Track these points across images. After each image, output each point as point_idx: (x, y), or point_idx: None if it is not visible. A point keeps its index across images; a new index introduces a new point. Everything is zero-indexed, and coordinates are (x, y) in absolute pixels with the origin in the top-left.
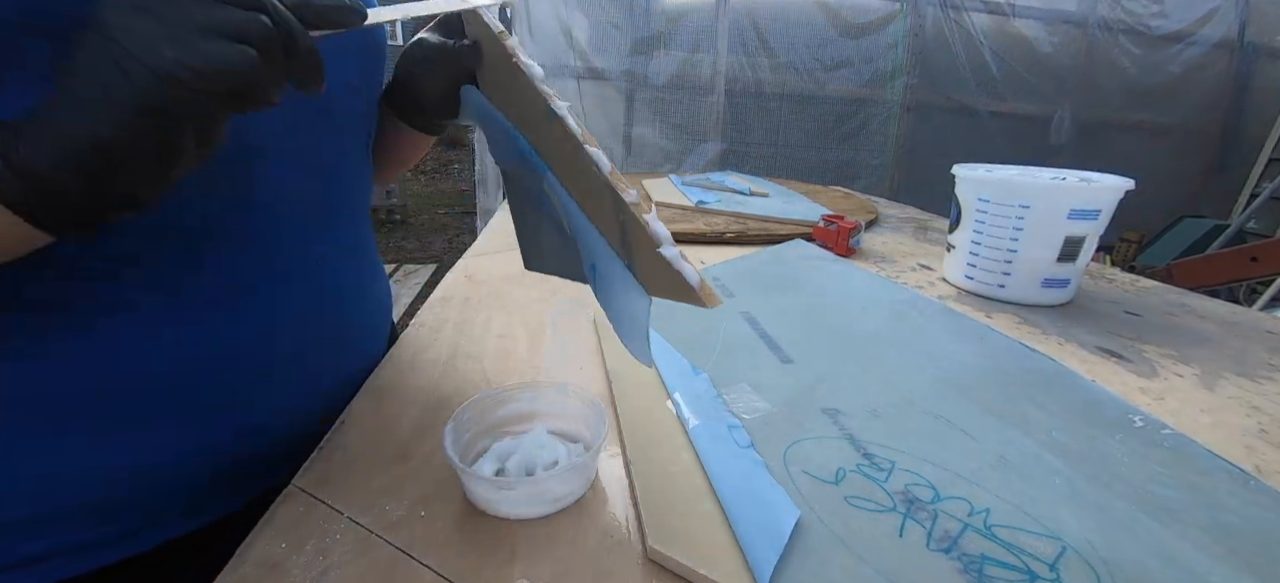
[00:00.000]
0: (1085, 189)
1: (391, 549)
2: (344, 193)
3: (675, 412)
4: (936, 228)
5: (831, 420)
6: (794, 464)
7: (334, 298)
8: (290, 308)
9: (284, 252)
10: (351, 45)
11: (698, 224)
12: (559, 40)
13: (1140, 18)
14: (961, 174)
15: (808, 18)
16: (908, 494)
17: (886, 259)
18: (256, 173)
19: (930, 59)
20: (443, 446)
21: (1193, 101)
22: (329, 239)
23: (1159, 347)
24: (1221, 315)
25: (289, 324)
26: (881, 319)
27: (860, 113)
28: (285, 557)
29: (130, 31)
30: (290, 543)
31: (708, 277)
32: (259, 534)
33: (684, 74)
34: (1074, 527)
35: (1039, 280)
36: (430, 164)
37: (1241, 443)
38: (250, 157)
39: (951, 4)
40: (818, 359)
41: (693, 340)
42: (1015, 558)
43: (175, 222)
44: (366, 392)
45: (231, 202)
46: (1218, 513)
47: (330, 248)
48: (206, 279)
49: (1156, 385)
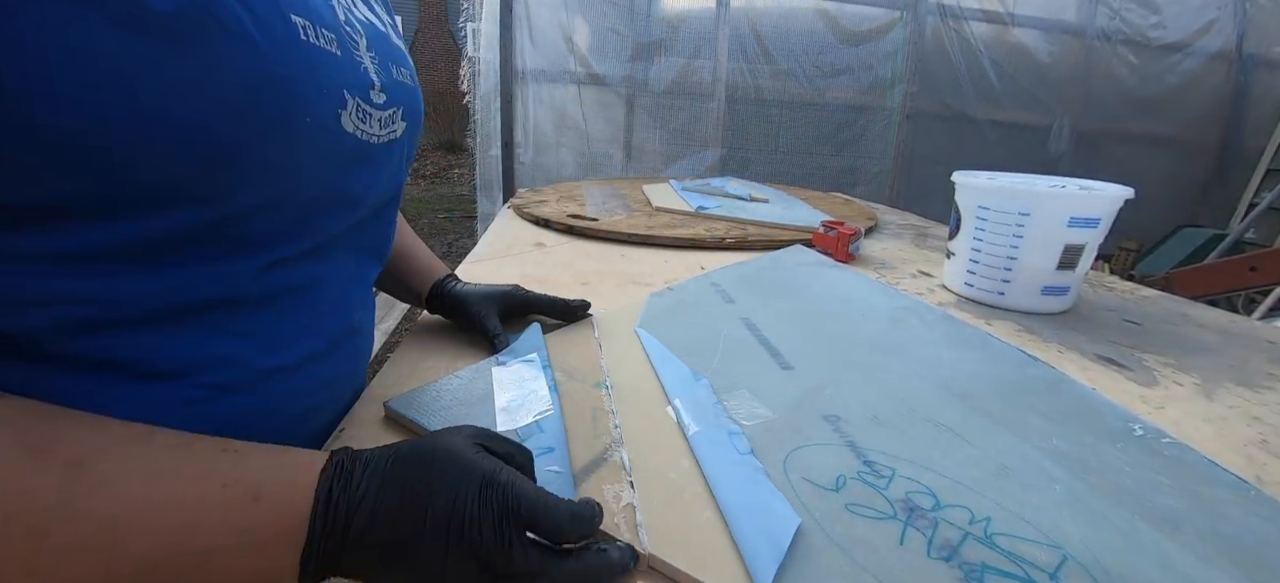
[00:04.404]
0: (1085, 197)
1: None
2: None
3: (675, 418)
4: (936, 235)
5: (832, 427)
6: (794, 471)
7: (361, 358)
8: (324, 373)
9: (331, 321)
10: (409, 137)
11: (698, 230)
12: (560, 45)
13: (1139, 28)
14: (961, 181)
15: (807, 25)
16: (908, 502)
17: (886, 266)
18: (326, 257)
19: (930, 67)
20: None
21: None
22: (369, 301)
23: (1159, 355)
24: (1221, 324)
25: (321, 389)
26: (881, 326)
27: (860, 120)
28: None
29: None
30: None
31: (708, 282)
32: None
33: (684, 80)
34: (1075, 536)
35: (1039, 288)
36: (430, 168)
37: (1242, 453)
38: (329, 244)
39: (951, 13)
40: (818, 366)
41: (693, 346)
42: (1016, 567)
43: (279, 281)
44: (365, 399)
45: (303, 279)
46: (1219, 523)
47: (368, 315)
48: (287, 328)
49: (1157, 394)
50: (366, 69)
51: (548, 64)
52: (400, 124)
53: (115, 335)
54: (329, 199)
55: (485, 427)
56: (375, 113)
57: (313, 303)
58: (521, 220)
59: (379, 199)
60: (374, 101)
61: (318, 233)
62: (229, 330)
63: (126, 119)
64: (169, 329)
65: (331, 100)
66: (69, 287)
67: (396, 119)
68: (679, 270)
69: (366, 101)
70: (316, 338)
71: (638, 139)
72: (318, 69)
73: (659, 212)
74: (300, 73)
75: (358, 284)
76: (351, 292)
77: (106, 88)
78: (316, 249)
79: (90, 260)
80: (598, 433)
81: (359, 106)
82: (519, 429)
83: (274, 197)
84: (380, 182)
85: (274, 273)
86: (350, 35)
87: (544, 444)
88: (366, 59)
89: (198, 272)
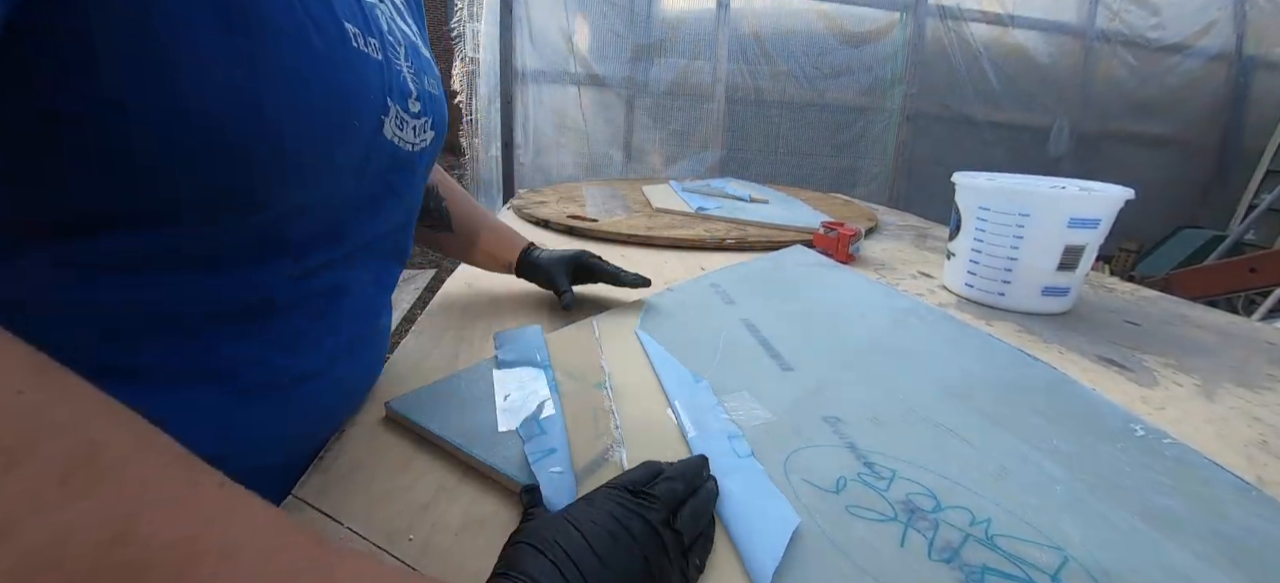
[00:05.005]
0: (1085, 198)
1: (393, 560)
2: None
3: (675, 420)
4: (936, 236)
5: (832, 429)
6: (795, 473)
7: (379, 361)
8: (348, 375)
9: (358, 325)
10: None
11: (698, 231)
12: (560, 46)
13: (1139, 29)
14: (962, 182)
15: (807, 26)
16: (909, 504)
17: (886, 266)
18: (357, 262)
19: (929, 68)
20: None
21: (1191, 113)
22: (388, 304)
23: (1159, 356)
24: (1221, 325)
25: (344, 390)
26: (882, 326)
27: (860, 121)
28: None
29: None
30: None
31: (708, 284)
32: None
33: (684, 81)
34: (1076, 537)
35: (1039, 289)
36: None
37: (1243, 453)
38: (362, 250)
39: (950, 14)
40: (818, 367)
41: (693, 348)
42: (1017, 568)
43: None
44: (367, 400)
45: (334, 283)
46: (1219, 524)
47: (387, 317)
48: (316, 332)
49: (1157, 395)
50: (406, 77)
51: (547, 65)
52: (429, 133)
53: (157, 338)
54: (365, 204)
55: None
56: (411, 121)
57: (341, 307)
58: (521, 221)
59: (408, 206)
60: (411, 111)
61: (354, 238)
62: (262, 336)
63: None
64: (207, 334)
65: (376, 107)
66: (121, 292)
67: (427, 128)
68: (679, 271)
69: (404, 110)
70: (342, 341)
71: (638, 140)
72: (367, 76)
73: (659, 213)
74: (353, 80)
75: (381, 288)
76: (376, 296)
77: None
78: (349, 256)
79: (156, 264)
80: (598, 433)
81: (398, 114)
82: (519, 429)
83: (318, 199)
84: (412, 189)
85: (309, 279)
86: (393, 44)
87: (545, 445)
88: (406, 68)
89: (238, 276)
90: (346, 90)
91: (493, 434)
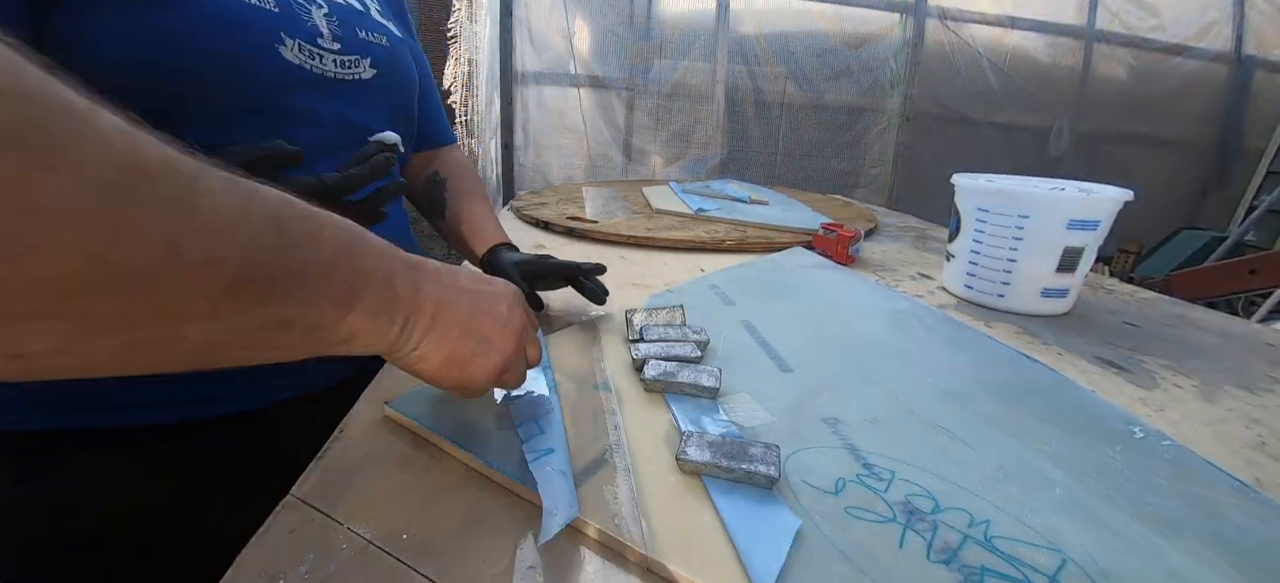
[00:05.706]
0: (1084, 200)
1: (391, 560)
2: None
3: (674, 422)
4: (935, 237)
5: (831, 430)
6: (794, 474)
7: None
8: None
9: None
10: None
11: (697, 232)
12: (560, 47)
13: (1138, 31)
14: (961, 183)
15: (807, 27)
16: (908, 505)
17: (886, 268)
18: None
19: (929, 70)
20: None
21: (1191, 114)
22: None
23: (1159, 358)
24: (1221, 327)
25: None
26: (881, 328)
27: (860, 122)
28: (283, 568)
29: None
30: (289, 554)
31: (708, 285)
32: (256, 545)
33: (684, 82)
34: (1074, 539)
35: (1038, 290)
36: None
37: (1242, 455)
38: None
39: (950, 16)
40: (817, 368)
41: None
42: (1016, 570)
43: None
44: (366, 400)
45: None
46: (1218, 526)
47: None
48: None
49: (1156, 397)
50: (315, 24)
51: (547, 66)
52: (367, 70)
53: None
54: (277, 110)
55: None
56: (328, 54)
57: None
58: (521, 223)
59: (321, 130)
60: (323, 46)
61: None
62: None
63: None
64: None
65: (267, 38)
66: None
67: (360, 65)
68: (679, 273)
69: (313, 44)
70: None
71: (637, 141)
72: (249, 20)
73: (659, 214)
74: (239, 21)
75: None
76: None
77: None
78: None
79: None
80: (598, 434)
81: (301, 46)
82: (519, 429)
83: (219, 102)
84: (344, 109)
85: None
86: (302, 3)
87: (544, 445)
88: (319, 17)
89: None
90: (232, 27)
91: (492, 434)
